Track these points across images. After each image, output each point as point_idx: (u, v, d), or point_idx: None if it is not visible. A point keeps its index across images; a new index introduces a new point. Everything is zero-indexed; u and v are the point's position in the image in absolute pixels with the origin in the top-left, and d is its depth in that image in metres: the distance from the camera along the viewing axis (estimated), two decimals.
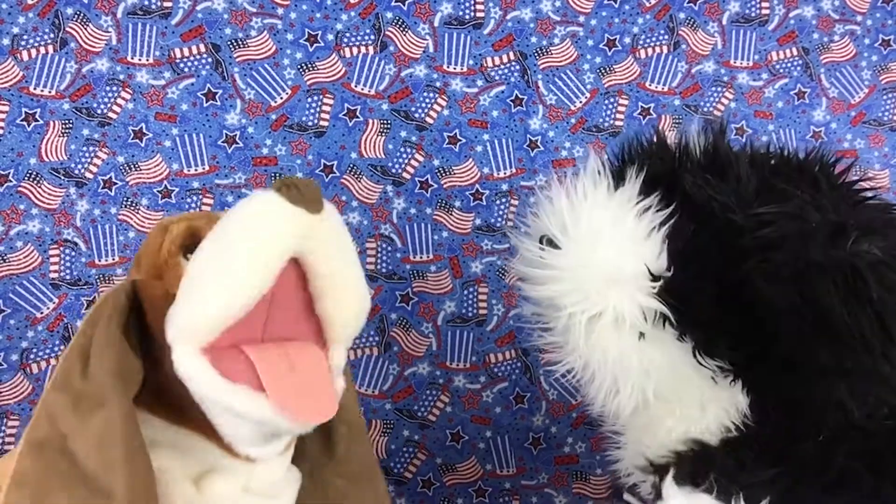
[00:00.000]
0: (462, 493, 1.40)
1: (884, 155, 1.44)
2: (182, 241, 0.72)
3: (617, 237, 0.80)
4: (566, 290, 0.80)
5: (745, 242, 0.74)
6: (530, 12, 1.36)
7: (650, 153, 0.88)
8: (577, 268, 0.80)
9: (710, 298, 0.77)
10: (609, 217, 0.81)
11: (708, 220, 0.78)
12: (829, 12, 1.42)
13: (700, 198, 0.79)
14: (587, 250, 0.80)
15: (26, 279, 1.27)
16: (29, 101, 1.26)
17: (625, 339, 0.81)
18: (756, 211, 0.75)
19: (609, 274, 0.79)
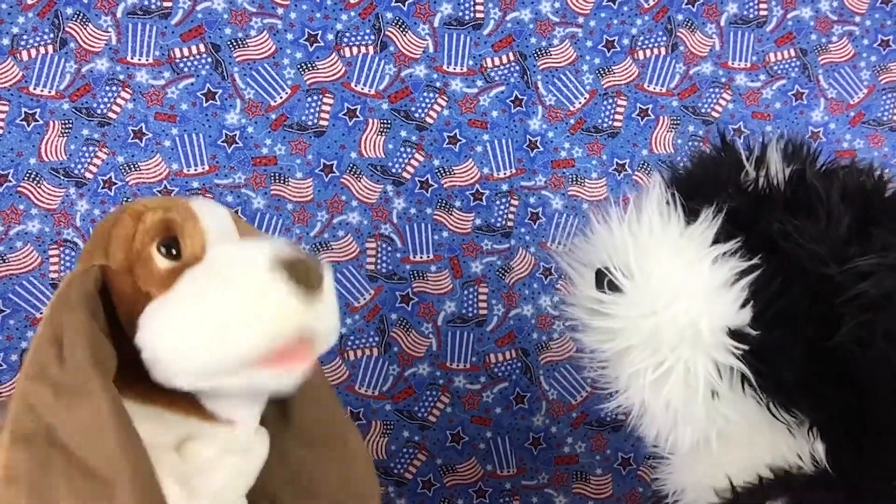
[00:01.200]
0: (462, 494, 1.40)
1: (883, 155, 1.44)
2: (156, 234, 0.70)
3: (692, 286, 0.71)
4: (632, 344, 0.73)
5: (841, 301, 0.65)
6: (530, 13, 1.36)
7: (725, 182, 0.77)
8: (646, 319, 0.72)
9: (798, 361, 0.69)
10: (683, 262, 0.72)
11: (797, 273, 0.69)
12: (828, 13, 1.42)
13: (787, 245, 0.69)
14: (657, 300, 0.71)
15: (26, 279, 1.27)
16: (29, 101, 1.26)
17: (695, 397, 0.72)
18: (852, 265, 0.65)
19: (682, 329, 0.71)
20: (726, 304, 0.70)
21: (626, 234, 0.75)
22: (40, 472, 0.59)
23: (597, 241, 0.78)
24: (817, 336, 0.67)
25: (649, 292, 0.72)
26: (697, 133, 1.41)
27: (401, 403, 1.37)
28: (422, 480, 1.38)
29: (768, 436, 0.76)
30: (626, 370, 0.75)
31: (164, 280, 0.68)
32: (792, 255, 0.69)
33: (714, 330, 0.70)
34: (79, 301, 0.66)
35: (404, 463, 1.38)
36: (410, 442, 1.38)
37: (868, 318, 0.64)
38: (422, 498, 1.38)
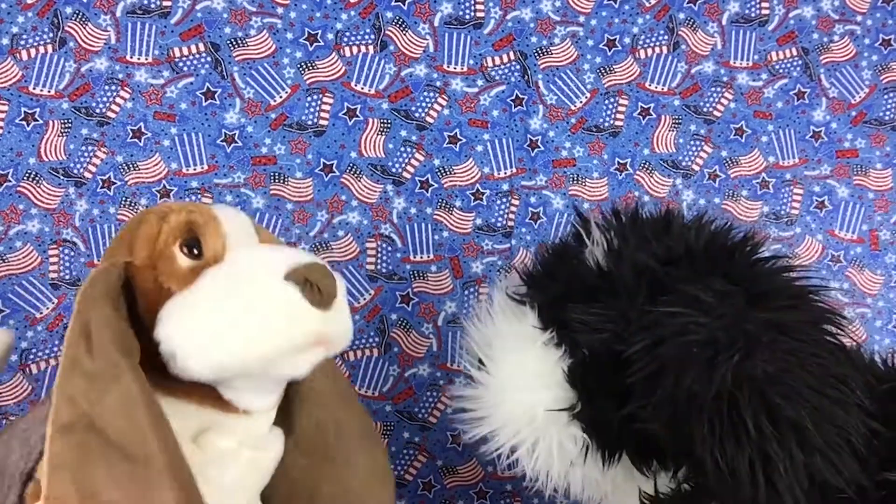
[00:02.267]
0: (463, 496, 1.39)
1: (885, 154, 1.44)
2: (179, 234, 0.73)
3: (525, 376, 0.81)
4: (497, 426, 0.82)
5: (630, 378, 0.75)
6: (530, 12, 1.36)
7: (542, 277, 0.88)
8: (500, 406, 0.82)
9: (617, 427, 0.78)
10: (516, 355, 0.82)
11: (597, 353, 0.78)
12: (829, 12, 1.42)
13: (585, 332, 0.78)
14: (504, 390, 0.82)
15: (26, 279, 1.26)
16: (28, 101, 1.26)
17: (564, 464, 0.82)
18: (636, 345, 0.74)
19: (528, 412, 0.80)
20: (556, 387, 0.80)
21: (478, 328, 0.87)
22: (82, 458, 0.62)
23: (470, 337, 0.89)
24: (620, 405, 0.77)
25: (497, 384, 0.82)
26: (699, 132, 1.40)
27: (401, 404, 1.36)
28: (422, 482, 1.38)
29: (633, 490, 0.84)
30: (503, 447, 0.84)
31: (185, 277, 0.71)
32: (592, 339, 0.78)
33: (552, 410, 0.80)
34: (103, 295, 0.69)
35: (404, 464, 1.37)
36: (411, 443, 1.37)
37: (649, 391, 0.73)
38: (422, 499, 1.38)
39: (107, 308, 0.68)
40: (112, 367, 0.65)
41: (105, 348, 0.66)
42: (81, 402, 0.64)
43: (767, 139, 1.41)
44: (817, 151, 1.42)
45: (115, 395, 0.64)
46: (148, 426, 0.63)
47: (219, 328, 0.67)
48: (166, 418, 0.66)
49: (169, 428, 0.65)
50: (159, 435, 0.63)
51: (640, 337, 0.74)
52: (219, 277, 0.70)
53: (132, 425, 0.63)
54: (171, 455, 0.63)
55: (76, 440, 0.63)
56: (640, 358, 0.73)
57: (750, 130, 1.41)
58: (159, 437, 0.63)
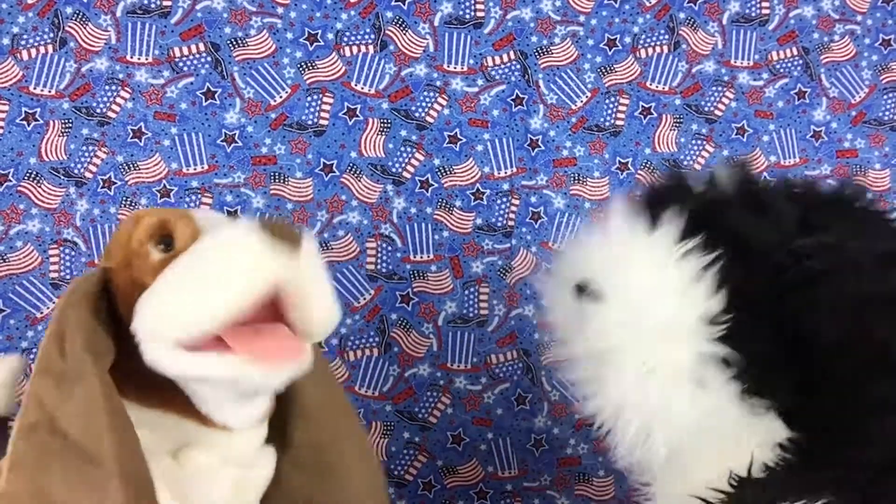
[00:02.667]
0: (463, 496, 1.39)
1: (884, 155, 1.44)
2: (152, 232, 0.73)
3: (666, 285, 0.76)
4: (615, 346, 0.76)
5: (790, 278, 0.72)
6: (530, 12, 1.36)
7: (681, 192, 0.84)
8: (628, 322, 0.76)
9: (766, 338, 0.74)
10: (654, 264, 0.77)
11: (754, 259, 0.75)
12: (830, 12, 1.42)
13: (744, 235, 0.76)
14: (636, 303, 0.76)
15: (26, 279, 1.26)
16: (29, 101, 1.26)
17: (678, 390, 0.76)
18: (796, 245, 0.72)
19: (664, 326, 0.75)
20: (698, 296, 0.75)
21: (598, 246, 0.81)
22: (41, 458, 0.62)
23: (571, 258, 0.83)
24: (777, 310, 0.73)
25: (628, 297, 0.76)
26: (700, 131, 1.40)
27: (401, 404, 1.36)
28: (422, 482, 1.38)
29: (734, 432, 0.78)
30: (610, 375, 0.77)
31: (157, 269, 0.70)
32: (749, 244, 0.75)
33: (692, 323, 0.75)
34: (79, 299, 0.70)
35: (405, 464, 1.37)
36: (411, 443, 1.37)
37: (814, 290, 0.71)
38: (422, 500, 1.38)
39: (82, 310, 0.68)
40: (79, 368, 0.65)
41: (75, 349, 0.66)
42: (47, 403, 0.64)
43: (769, 139, 1.41)
44: (818, 151, 1.42)
45: (78, 395, 0.64)
46: (105, 427, 0.62)
47: (178, 292, 0.66)
48: (129, 422, 0.66)
49: (130, 431, 0.65)
50: (116, 437, 0.63)
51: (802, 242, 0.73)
52: (186, 258, 0.69)
53: (90, 425, 0.63)
54: (127, 458, 0.63)
55: (38, 440, 0.63)
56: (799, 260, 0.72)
57: (751, 130, 1.41)
58: (115, 439, 0.62)
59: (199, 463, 0.72)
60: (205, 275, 0.66)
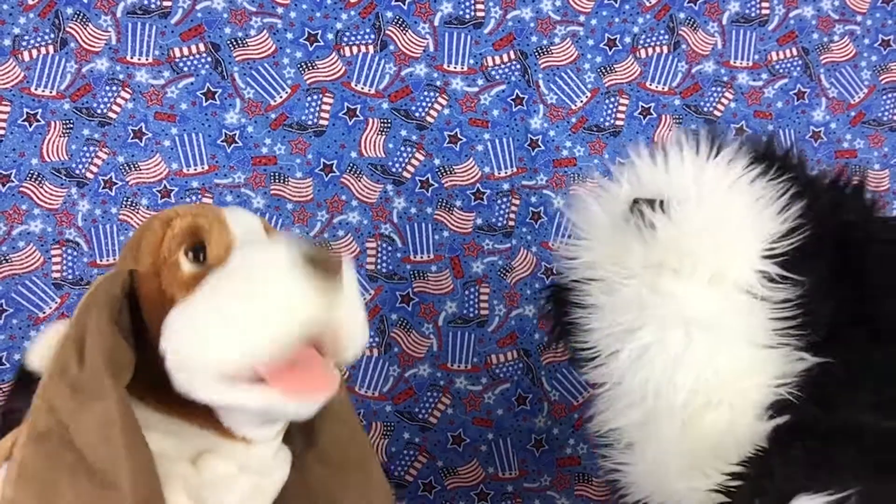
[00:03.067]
0: (464, 497, 1.39)
1: (883, 155, 1.44)
2: (183, 240, 0.71)
3: (736, 204, 0.81)
4: (687, 251, 0.80)
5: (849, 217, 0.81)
6: (530, 12, 1.36)
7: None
8: (701, 233, 0.80)
9: (820, 267, 0.80)
10: (726, 184, 0.82)
11: (815, 193, 0.82)
12: (829, 12, 1.42)
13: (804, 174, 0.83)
14: (709, 218, 0.80)
15: (28, 279, 1.27)
16: (30, 102, 1.26)
17: (734, 302, 0.81)
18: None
19: (732, 240, 0.80)
20: (765, 218, 0.80)
21: (660, 169, 0.84)
22: (50, 470, 0.60)
23: (630, 179, 0.86)
24: (832, 246, 0.80)
25: (702, 212, 0.80)
26: None
27: (401, 405, 1.36)
28: (422, 483, 1.38)
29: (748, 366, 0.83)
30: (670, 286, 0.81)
31: (187, 284, 0.68)
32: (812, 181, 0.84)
33: (758, 240, 0.79)
34: (103, 304, 0.67)
35: (405, 465, 1.37)
36: (411, 444, 1.37)
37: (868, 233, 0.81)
38: (422, 500, 1.38)
39: (103, 320, 0.66)
40: (97, 384, 0.63)
41: (94, 362, 0.63)
42: (61, 411, 0.62)
43: None
44: (817, 152, 1.42)
45: (96, 414, 0.62)
46: (122, 451, 0.61)
47: (218, 327, 0.64)
48: (146, 444, 0.64)
49: (147, 454, 0.64)
50: (134, 462, 0.61)
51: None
52: (220, 279, 0.67)
53: (107, 448, 0.61)
54: (142, 482, 0.61)
55: (50, 451, 0.61)
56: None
57: (750, 130, 1.41)
58: (133, 465, 0.61)
59: (218, 471, 0.71)
60: (243, 312, 0.64)
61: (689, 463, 0.83)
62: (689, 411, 0.83)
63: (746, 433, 0.81)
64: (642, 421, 0.86)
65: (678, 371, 0.81)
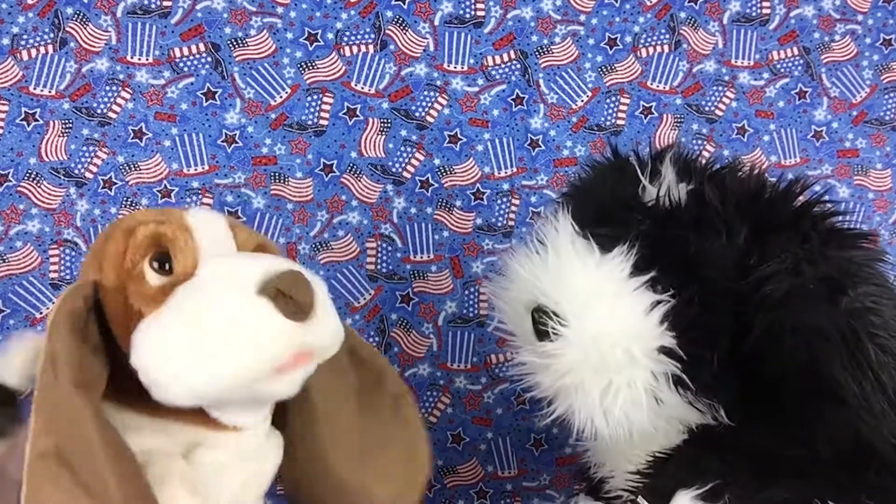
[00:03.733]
0: (463, 495, 1.39)
1: (885, 154, 1.43)
2: (147, 251, 0.70)
3: (620, 317, 0.78)
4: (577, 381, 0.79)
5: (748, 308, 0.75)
6: (531, 11, 1.36)
7: (629, 201, 0.85)
8: (589, 355, 0.78)
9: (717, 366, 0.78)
10: (607, 295, 0.79)
11: (709, 290, 0.78)
12: (830, 11, 1.42)
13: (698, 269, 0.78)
14: (595, 334, 0.78)
15: (26, 279, 1.27)
16: (29, 101, 1.26)
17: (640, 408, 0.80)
18: (754, 275, 0.75)
19: (621, 355, 0.78)
20: (652, 328, 0.78)
21: (553, 273, 0.82)
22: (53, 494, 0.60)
23: (523, 280, 0.84)
24: (732, 344, 0.77)
25: (586, 330, 0.78)
26: (701, 131, 1.40)
27: None
28: None
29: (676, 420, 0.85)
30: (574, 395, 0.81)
31: (154, 297, 0.67)
32: (702, 275, 0.78)
33: (646, 351, 0.78)
34: (66, 321, 0.66)
35: None
36: None
37: (774, 317, 0.73)
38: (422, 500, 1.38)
39: (68, 337, 0.65)
40: (70, 401, 0.62)
41: (64, 380, 0.63)
42: (52, 430, 0.62)
43: (769, 138, 1.41)
44: (818, 151, 1.42)
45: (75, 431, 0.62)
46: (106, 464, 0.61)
47: (190, 357, 0.64)
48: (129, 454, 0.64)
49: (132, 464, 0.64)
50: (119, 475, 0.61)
51: (762, 268, 0.75)
52: (188, 296, 0.66)
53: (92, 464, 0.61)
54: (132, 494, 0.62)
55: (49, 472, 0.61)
56: (759, 284, 0.75)
57: (752, 130, 1.41)
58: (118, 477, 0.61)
59: (212, 461, 0.71)
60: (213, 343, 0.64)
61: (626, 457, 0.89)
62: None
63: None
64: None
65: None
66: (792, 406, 0.76)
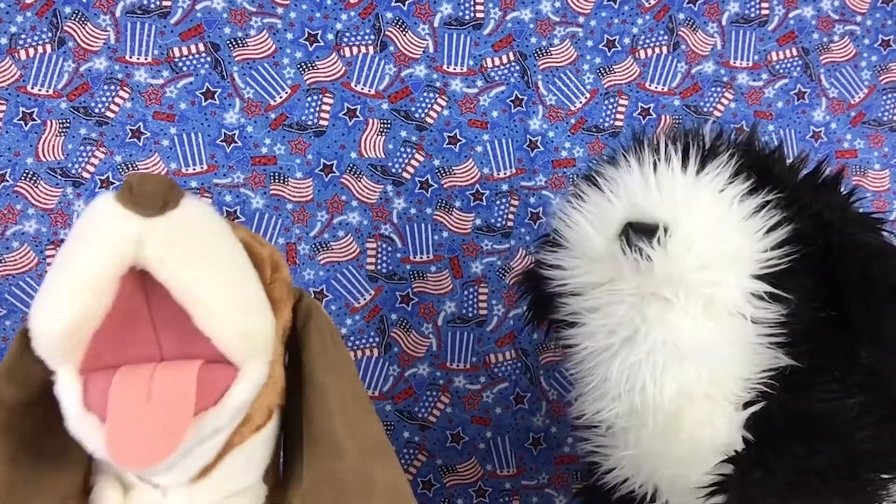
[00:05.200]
0: (462, 494, 1.40)
1: (884, 155, 1.44)
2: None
3: (726, 224, 0.81)
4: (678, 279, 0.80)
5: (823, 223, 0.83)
6: (530, 13, 1.36)
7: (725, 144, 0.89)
8: (692, 258, 0.79)
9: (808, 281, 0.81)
10: (715, 203, 0.82)
11: (796, 201, 0.83)
12: (829, 12, 1.42)
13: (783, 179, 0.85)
14: (701, 241, 0.79)
15: (22, 279, 1.26)
16: (26, 101, 1.25)
17: (726, 323, 0.81)
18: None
19: (725, 262, 0.80)
20: (753, 235, 0.80)
21: (651, 188, 0.83)
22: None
23: (615, 199, 0.85)
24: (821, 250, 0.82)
25: (692, 235, 0.79)
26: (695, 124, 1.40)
27: (401, 404, 1.36)
28: (422, 481, 1.38)
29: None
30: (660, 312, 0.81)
31: None
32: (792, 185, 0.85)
33: (750, 256, 0.80)
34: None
35: (404, 464, 1.37)
36: (411, 442, 1.37)
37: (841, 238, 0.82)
38: (422, 498, 1.38)
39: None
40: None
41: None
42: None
43: (768, 139, 1.41)
44: (817, 151, 1.42)
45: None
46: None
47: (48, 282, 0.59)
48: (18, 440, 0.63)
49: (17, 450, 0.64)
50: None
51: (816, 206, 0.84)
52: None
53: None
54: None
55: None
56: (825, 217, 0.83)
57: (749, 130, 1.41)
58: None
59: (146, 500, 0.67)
60: (57, 266, 0.59)
61: (671, 451, 0.86)
62: (673, 407, 0.84)
63: (724, 423, 0.84)
64: (627, 411, 0.87)
65: (665, 379, 0.83)
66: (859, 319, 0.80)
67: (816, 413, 0.81)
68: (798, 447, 0.79)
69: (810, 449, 0.78)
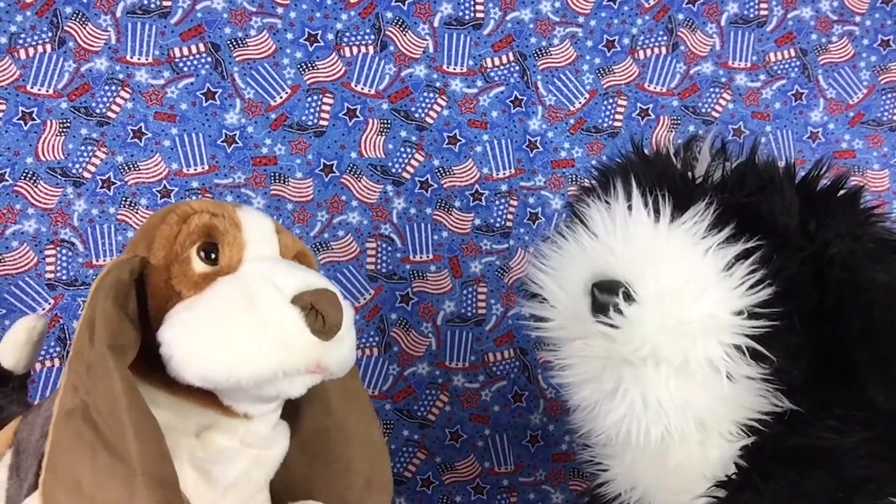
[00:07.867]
0: (461, 491, 1.41)
1: (883, 155, 1.44)
2: (198, 239, 0.73)
3: (700, 280, 0.73)
4: (652, 348, 0.73)
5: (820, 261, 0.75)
6: (530, 13, 1.36)
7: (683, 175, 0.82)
8: (664, 323, 0.72)
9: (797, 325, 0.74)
10: (686, 257, 0.74)
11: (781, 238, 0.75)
12: (828, 13, 1.42)
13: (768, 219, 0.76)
14: (671, 302, 0.72)
15: (22, 279, 1.26)
16: (26, 100, 1.25)
17: (708, 385, 0.75)
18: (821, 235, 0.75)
19: (700, 323, 0.72)
20: (731, 287, 0.73)
21: (619, 242, 0.75)
22: (76, 447, 0.64)
23: (582, 252, 0.78)
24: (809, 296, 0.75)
25: (662, 297, 0.72)
26: (698, 133, 1.40)
27: (400, 403, 1.37)
28: (421, 479, 1.39)
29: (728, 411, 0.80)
30: (640, 375, 0.75)
31: (196, 283, 0.71)
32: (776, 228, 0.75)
33: (728, 314, 0.72)
34: (109, 288, 0.69)
35: (404, 462, 1.38)
36: (410, 441, 1.38)
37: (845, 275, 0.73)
38: (421, 496, 1.39)
39: (108, 302, 0.68)
40: (104, 363, 0.65)
41: (100, 343, 0.66)
42: (80, 389, 0.65)
43: (766, 140, 1.42)
44: (815, 152, 1.43)
45: (103, 390, 0.65)
46: (129, 427, 0.63)
47: (215, 343, 0.67)
48: (152, 420, 0.66)
49: (154, 429, 0.66)
50: (140, 437, 0.64)
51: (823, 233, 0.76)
52: (227, 290, 0.70)
53: (114, 421, 0.64)
54: (150, 458, 0.64)
55: (74, 427, 0.64)
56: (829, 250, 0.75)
57: (748, 131, 1.42)
58: (139, 439, 0.63)
59: (220, 445, 0.73)
60: (241, 339, 0.67)
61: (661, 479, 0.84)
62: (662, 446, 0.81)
63: (716, 454, 0.80)
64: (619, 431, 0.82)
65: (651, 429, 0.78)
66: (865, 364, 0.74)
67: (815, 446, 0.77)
68: (789, 472, 0.76)
69: (802, 474, 0.75)
